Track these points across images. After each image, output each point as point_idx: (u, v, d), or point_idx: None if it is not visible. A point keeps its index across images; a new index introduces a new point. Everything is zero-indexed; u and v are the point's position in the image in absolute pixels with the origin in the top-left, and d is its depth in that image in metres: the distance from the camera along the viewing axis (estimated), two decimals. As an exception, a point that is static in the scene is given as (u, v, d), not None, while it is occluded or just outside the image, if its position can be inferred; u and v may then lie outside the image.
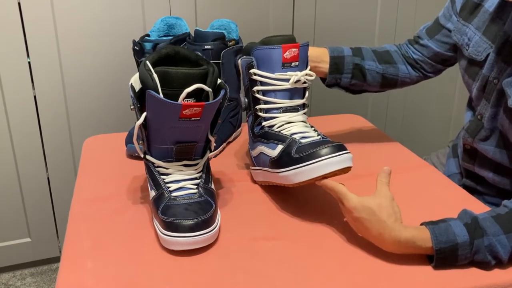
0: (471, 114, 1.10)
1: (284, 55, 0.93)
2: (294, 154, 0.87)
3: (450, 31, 1.12)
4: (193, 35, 1.20)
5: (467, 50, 1.04)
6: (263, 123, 0.96)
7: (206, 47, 1.14)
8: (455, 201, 0.99)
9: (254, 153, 1.00)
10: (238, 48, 1.21)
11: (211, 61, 0.91)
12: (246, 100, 1.00)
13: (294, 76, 0.93)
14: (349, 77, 1.14)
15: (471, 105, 1.11)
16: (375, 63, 1.15)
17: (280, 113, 0.95)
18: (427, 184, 1.06)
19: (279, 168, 0.90)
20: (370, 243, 0.82)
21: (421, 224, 0.81)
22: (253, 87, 0.96)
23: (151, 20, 1.68)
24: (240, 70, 1.00)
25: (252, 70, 0.95)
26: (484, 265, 0.79)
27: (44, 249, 1.86)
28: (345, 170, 0.85)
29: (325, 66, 1.13)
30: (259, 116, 0.97)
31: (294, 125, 0.94)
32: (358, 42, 1.97)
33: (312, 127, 0.96)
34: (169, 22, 1.25)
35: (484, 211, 0.83)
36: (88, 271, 0.78)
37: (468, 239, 0.77)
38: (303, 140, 0.89)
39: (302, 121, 0.96)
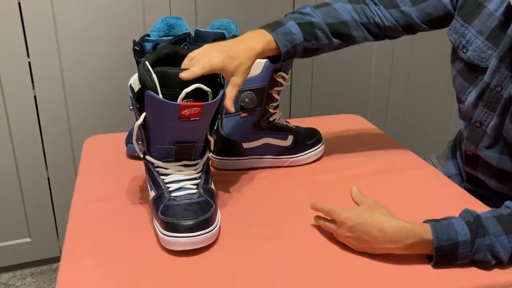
0: (464, 122, 1.07)
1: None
2: (306, 141, 1.12)
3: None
4: (193, 35, 1.20)
5: (464, 53, 1.00)
6: (270, 118, 1.09)
7: (206, 47, 1.14)
8: (455, 201, 0.99)
9: (254, 144, 1.09)
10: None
11: (211, 61, 0.91)
12: (255, 97, 1.05)
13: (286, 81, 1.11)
14: (301, 55, 1.04)
15: (462, 113, 1.07)
16: (329, 41, 1.05)
17: (278, 109, 1.12)
18: (427, 184, 1.05)
19: (293, 154, 1.11)
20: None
21: (424, 222, 0.81)
22: (273, 88, 1.06)
23: (151, 20, 1.68)
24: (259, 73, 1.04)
25: (280, 73, 1.05)
26: (484, 265, 0.79)
27: (44, 249, 1.86)
28: None
29: (276, 54, 1.01)
30: (269, 112, 1.08)
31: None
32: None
33: None
34: (169, 22, 1.24)
35: (484, 211, 0.83)
36: (88, 271, 0.78)
37: (469, 237, 0.77)
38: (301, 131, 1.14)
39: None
